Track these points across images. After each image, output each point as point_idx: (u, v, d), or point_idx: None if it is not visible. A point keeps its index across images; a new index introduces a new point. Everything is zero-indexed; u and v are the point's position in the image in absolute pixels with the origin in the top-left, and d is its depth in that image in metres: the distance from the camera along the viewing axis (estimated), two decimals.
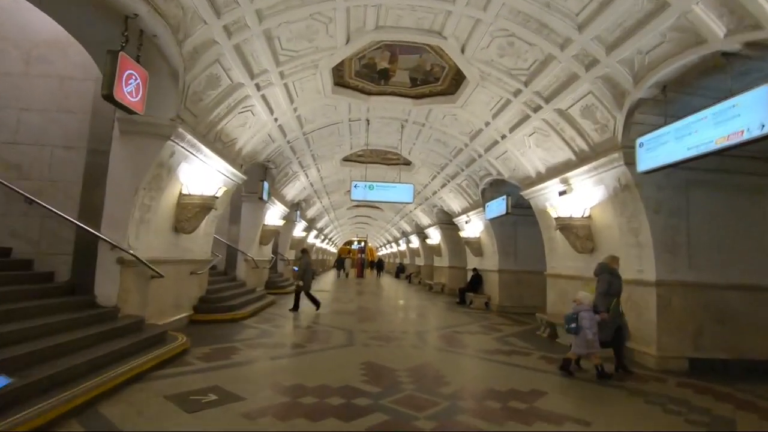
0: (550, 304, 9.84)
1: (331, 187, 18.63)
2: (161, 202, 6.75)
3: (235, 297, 10.45)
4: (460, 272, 18.95)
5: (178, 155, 6.63)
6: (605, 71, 5.94)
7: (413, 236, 27.16)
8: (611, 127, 6.70)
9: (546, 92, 7.22)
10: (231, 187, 9.24)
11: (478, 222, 14.63)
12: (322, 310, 11.30)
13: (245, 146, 9.04)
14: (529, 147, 9.01)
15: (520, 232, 13.53)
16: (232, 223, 13.14)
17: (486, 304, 14.11)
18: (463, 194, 14.62)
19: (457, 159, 12.22)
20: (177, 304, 7.95)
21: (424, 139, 11.86)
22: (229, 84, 6.77)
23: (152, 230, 6.68)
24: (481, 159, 11.15)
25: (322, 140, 11.83)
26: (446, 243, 20.11)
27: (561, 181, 8.55)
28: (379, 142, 12.88)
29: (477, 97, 8.55)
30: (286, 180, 13.79)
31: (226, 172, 8.61)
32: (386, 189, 11.12)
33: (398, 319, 11.04)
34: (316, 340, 7.58)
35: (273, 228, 14.34)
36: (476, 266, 15.34)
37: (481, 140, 10.27)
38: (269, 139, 9.81)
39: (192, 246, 8.41)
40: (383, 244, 47.16)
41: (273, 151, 10.70)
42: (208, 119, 7.01)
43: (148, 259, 6.56)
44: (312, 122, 10.25)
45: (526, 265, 13.37)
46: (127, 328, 5.73)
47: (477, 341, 8.15)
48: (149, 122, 5.91)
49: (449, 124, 10.43)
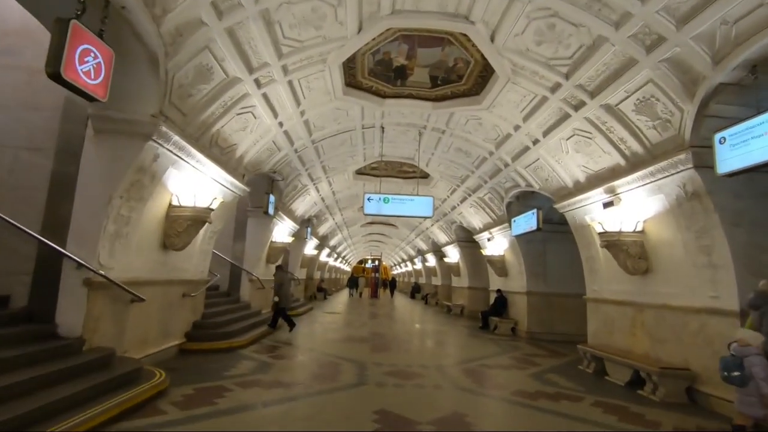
0: (593, 333, 8.53)
1: (343, 202, 17.72)
2: (144, 213, 5.83)
3: (235, 321, 9.42)
4: (481, 293, 17.72)
5: (164, 160, 5.73)
6: (673, 52, 4.86)
7: (429, 255, 25.96)
8: (676, 123, 5.57)
9: (591, 85, 6.16)
10: (231, 199, 8.33)
11: (502, 239, 13.45)
12: (332, 335, 10.25)
13: (247, 154, 8.16)
14: (566, 153, 7.90)
15: (549, 250, 12.29)
16: (237, 240, 12.23)
17: (512, 329, 12.80)
18: (486, 209, 13.48)
19: (480, 170, 11.15)
20: (165, 331, 6.95)
21: (444, 148, 10.85)
22: (224, 78, 5.90)
23: (132, 246, 5.74)
24: (508, 169, 10.06)
25: (333, 150, 10.94)
26: (465, 262, 18.86)
27: (606, 190, 7.39)
28: (394, 152, 11.94)
29: (506, 96, 7.53)
30: (295, 194, 12.88)
31: (225, 182, 7.70)
32: (403, 202, 10.08)
33: (416, 349, 9.84)
34: (322, 376, 6.46)
35: (281, 245, 13.39)
36: (500, 287, 14.07)
37: (508, 147, 9.20)
38: (274, 146, 8.92)
39: (185, 265, 7.46)
40: (397, 262, 45.92)
41: (279, 161, 9.81)
42: (199, 119, 6.12)
43: (127, 280, 5.61)
44: (321, 129, 9.35)
45: (557, 286, 12.09)
46: (91, 364, 4.73)
47: (511, 379, 6.91)
48: (126, 119, 5.04)
49: (472, 131, 9.42)
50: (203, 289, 8.37)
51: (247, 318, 10.25)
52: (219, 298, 10.70)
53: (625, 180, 6.82)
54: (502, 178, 10.81)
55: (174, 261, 7.03)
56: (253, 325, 9.89)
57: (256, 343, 8.72)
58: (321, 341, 10.04)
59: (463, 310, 18.94)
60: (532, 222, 10.42)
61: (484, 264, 15.97)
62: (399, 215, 10.60)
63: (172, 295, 7.12)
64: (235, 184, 8.09)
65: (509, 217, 12.15)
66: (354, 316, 16.49)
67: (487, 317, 13.94)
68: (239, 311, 10.45)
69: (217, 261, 11.17)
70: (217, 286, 11.40)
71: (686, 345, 6.03)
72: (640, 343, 7.06)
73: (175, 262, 7.10)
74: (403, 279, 47.75)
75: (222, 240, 11.89)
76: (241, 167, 8.26)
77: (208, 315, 8.70)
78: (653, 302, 6.80)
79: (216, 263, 11.03)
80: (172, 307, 7.14)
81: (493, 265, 14.15)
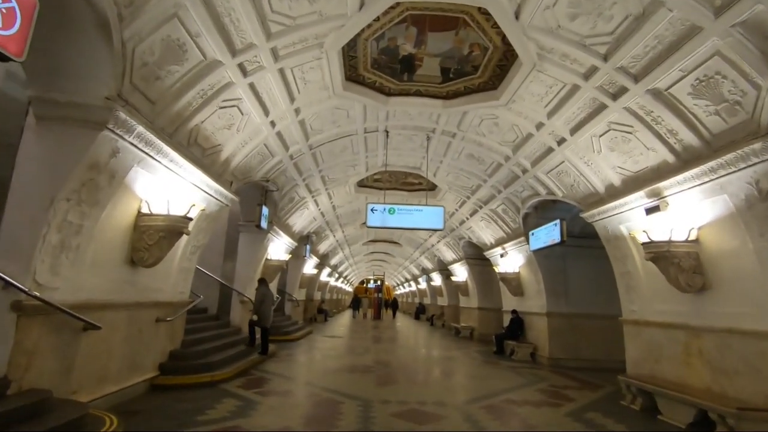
0: (634, 361, 7.34)
1: (345, 218, 16.71)
2: (102, 222, 4.81)
3: (221, 349, 8.26)
4: (492, 315, 16.53)
5: (127, 156, 4.75)
6: (753, 12, 3.89)
7: (435, 274, 24.75)
8: (748, 105, 4.56)
9: (636, 66, 5.20)
10: (216, 209, 7.32)
11: (517, 255, 12.35)
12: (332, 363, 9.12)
13: (234, 157, 7.19)
14: (598, 152, 6.91)
15: (570, 266, 11.18)
16: (228, 258, 11.18)
17: (532, 354, 11.56)
18: (498, 222, 12.43)
19: (493, 178, 10.16)
20: (132, 364, 5.83)
21: (454, 154, 9.89)
22: (201, 60, 4.96)
23: (86, 261, 4.70)
24: (527, 175, 9.06)
25: (332, 158, 9.99)
26: (475, 281, 17.64)
27: (648, 194, 6.35)
28: (399, 161, 11.00)
29: (528, 89, 6.59)
30: (292, 207, 11.88)
31: (208, 188, 6.71)
32: (410, 213, 9.04)
33: (428, 380, 8.64)
34: (318, 419, 5.31)
35: (277, 263, 12.31)
36: (515, 308, 12.88)
37: (528, 150, 8.23)
38: (266, 151, 7.97)
39: (159, 284, 6.39)
40: (400, 282, 44.56)
41: (273, 169, 8.84)
42: (173, 110, 5.17)
43: (78, 303, 4.56)
44: (319, 132, 8.42)
45: (580, 306, 10.93)
46: (16, 412, 3.64)
47: (547, 420, 5.73)
48: (74, 102, 4.08)
49: (487, 133, 8.46)
50: (183, 313, 7.27)
51: (236, 345, 9.09)
52: (206, 322, 9.58)
53: (675, 180, 5.79)
54: (519, 186, 9.80)
55: (145, 280, 5.97)
56: (241, 354, 8.73)
57: (243, 376, 7.55)
58: (319, 372, 8.86)
59: (472, 333, 17.66)
60: (555, 234, 9.35)
61: (495, 283, 14.90)
62: (406, 227, 9.56)
63: (141, 320, 6.02)
64: (220, 191, 7.09)
65: (526, 231, 11.08)
66: (356, 341, 15.32)
67: (502, 341, 12.70)
68: (228, 337, 9.29)
69: (205, 281, 10.13)
70: (205, 309, 10.31)
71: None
72: (698, 375, 5.89)
73: (147, 282, 6.04)
74: (405, 299, 46.33)
75: (212, 258, 10.88)
76: (227, 173, 7.28)
77: (189, 342, 7.57)
78: (714, 325, 5.67)
79: (204, 283, 9.98)
80: (142, 334, 6.04)
81: (508, 283, 13.00)
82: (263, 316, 9.52)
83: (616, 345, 10.05)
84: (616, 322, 10.52)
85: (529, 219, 11.09)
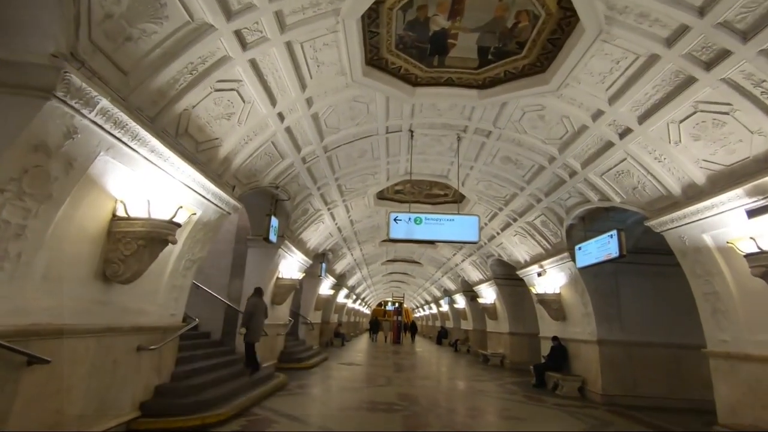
0: (729, 406, 5.81)
1: (363, 234, 15.55)
2: (59, 224, 3.76)
3: (220, 383, 7.06)
4: (525, 341, 15.17)
5: (89, 139, 3.71)
6: None
7: (458, 295, 23.06)
8: None
9: (746, 20, 3.97)
10: (214, 216, 6.27)
11: (557, 274, 10.91)
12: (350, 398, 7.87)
13: (236, 155, 6.17)
14: (675, 143, 5.61)
15: (624, 286, 9.71)
16: (235, 277, 10.12)
17: (580, 389, 9.98)
18: (536, 237, 11.04)
19: (533, 184, 8.88)
20: (101, 405, 4.68)
21: (487, 157, 8.69)
22: (186, 21, 3.96)
23: (33, 274, 3.63)
24: (575, 179, 7.78)
25: (350, 163, 8.91)
26: (505, 303, 16.13)
27: (752, 191, 4.99)
28: (424, 169, 9.91)
29: (588, 66, 5.40)
30: (306, 220, 10.80)
31: (203, 190, 5.66)
32: (440, 223, 7.77)
33: (466, 422, 7.21)
34: None
35: (290, 282, 11.17)
36: (557, 334, 11.34)
37: (579, 148, 6.98)
38: (275, 150, 6.93)
39: (141, 304, 5.29)
40: (420, 305, 42.83)
41: (283, 173, 7.79)
42: (153, 84, 4.15)
43: (22, 328, 3.49)
44: (336, 130, 7.37)
45: (637, 333, 9.42)
46: None
47: None
48: (7, 61, 3.09)
49: (529, 129, 7.27)
50: (173, 338, 6.14)
51: (240, 376, 7.87)
52: (206, 348, 8.40)
53: None
54: (564, 192, 8.48)
55: (123, 299, 4.89)
56: (246, 386, 7.51)
57: (244, 416, 6.30)
58: (334, 410, 7.55)
59: (503, 361, 16.15)
60: (611, 248, 7.93)
61: (529, 305, 13.62)
62: (435, 240, 8.33)
63: (117, 350, 4.90)
64: (219, 195, 6.04)
65: (570, 245, 9.70)
66: (376, 368, 13.96)
67: (542, 372, 11.12)
68: (230, 366, 8.10)
69: (209, 302, 9.10)
70: (208, 333, 9.19)
71: None
72: None
73: (125, 302, 4.95)
74: (426, 323, 44.49)
75: (217, 277, 9.88)
76: (228, 174, 6.25)
77: (181, 375, 6.41)
78: None
79: (207, 305, 8.95)
80: (117, 367, 4.91)
81: (547, 306, 11.50)
82: (253, 330, 8.29)
83: (683, 380, 8.74)
84: (682, 352, 9.19)
85: (573, 232, 9.72)
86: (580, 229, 9.49)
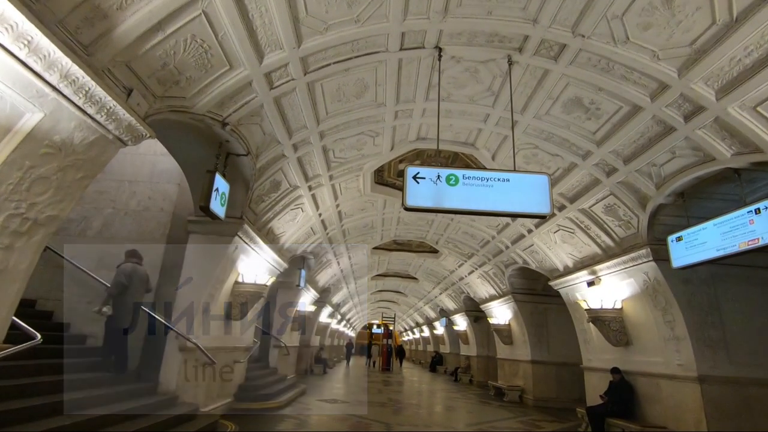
0: None
1: (353, 233, 13.30)
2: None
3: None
4: (551, 371, 12.36)
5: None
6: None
7: (458, 316, 20.21)
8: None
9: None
10: (73, 132, 7.99)
11: (619, 282, 8.37)
12: None
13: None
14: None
15: (725, 297, 7.14)
16: (166, 278, 8.81)
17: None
18: (590, 230, 8.42)
19: (609, 144, 6.46)
20: None
21: (543, 104, 6.24)
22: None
23: None
24: (698, 120, 5.07)
25: (342, 106, 6.30)
26: (524, 324, 13.02)
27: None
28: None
29: None
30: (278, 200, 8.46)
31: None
32: (487, 185, 4.67)
33: None
34: None
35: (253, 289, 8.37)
36: (617, 365, 8.43)
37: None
38: (215, 43, 4.15)
39: None
40: (410, 327, 40.69)
41: (234, 99, 4.99)
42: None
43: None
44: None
45: (753, 366, 6.73)
46: None
47: None
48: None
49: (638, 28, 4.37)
50: None
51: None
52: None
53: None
54: (667, 150, 5.85)
55: None
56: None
57: None
58: None
59: (522, 396, 12.86)
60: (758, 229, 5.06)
61: (556, 326, 12.38)
62: (479, 211, 4.85)
63: None
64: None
65: (651, 237, 7.28)
66: (368, 408, 10.42)
67: (602, 418, 8.02)
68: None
69: None
70: None
71: None
72: None
73: None
74: (414, 347, 41.74)
75: None
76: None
77: None
78: None
79: None
80: None
81: (603, 327, 8.62)
82: (121, 311, 5.90)
83: None
84: None
85: (658, 218, 7.14)
86: (673, 212, 6.91)
